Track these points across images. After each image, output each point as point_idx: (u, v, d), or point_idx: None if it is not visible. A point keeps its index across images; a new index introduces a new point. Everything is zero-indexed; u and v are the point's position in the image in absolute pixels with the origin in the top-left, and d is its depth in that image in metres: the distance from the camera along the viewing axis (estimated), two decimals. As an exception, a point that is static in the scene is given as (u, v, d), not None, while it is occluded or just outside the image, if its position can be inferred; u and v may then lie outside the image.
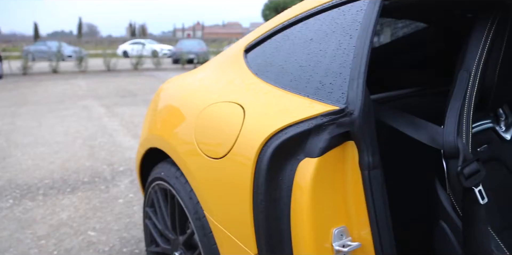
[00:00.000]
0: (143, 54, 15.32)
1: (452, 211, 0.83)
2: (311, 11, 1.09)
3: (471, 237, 0.78)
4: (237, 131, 0.93)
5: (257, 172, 0.81)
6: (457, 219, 0.82)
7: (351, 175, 0.78)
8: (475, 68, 0.87)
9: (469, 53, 0.88)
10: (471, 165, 0.77)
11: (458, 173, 0.75)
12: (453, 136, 0.79)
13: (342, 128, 0.76)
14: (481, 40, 0.87)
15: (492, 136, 1.05)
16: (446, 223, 0.84)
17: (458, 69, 0.90)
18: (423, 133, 0.83)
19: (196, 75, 1.55)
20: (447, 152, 0.79)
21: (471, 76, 0.87)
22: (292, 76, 0.98)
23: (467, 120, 0.84)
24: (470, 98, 0.86)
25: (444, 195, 0.85)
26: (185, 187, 1.18)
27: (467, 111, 0.85)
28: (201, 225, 1.09)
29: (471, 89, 0.86)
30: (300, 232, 0.77)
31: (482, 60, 0.87)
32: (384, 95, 1.24)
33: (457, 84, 0.88)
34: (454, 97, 0.87)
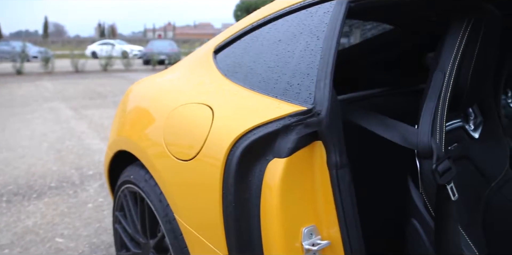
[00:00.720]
0: (113, 55, 14.97)
1: (424, 210, 0.84)
2: (279, 12, 1.10)
3: (443, 233, 0.80)
4: (206, 132, 0.92)
5: (226, 173, 0.81)
6: (429, 217, 0.83)
7: (319, 174, 0.79)
8: (450, 69, 0.88)
9: (444, 54, 0.89)
10: (444, 162, 0.78)
11: (433, 170, 0.76)
12: (427, 137, 0.80)
13: (310, 128, 0.77)
14: (456, 41, 0.88)
15: (462, 135, 1.07)
16: (417, 221, 0.85)
17: (433, 70, 0.91)
18: (395, 133, 0.84)
19: (165, 76, 1.54)
20: (421, 152, 0.80)
21: (445, 77, 0.87)
22: (260, 77, 0.99)
23: (441, 120, 0.85)
24: (445, 99, 0.87)
25: (417, 194, 0.86)
26: (155, 190, 1.17)
27: (441, 112, 0.86)
28: (172, 228, 1.08)
29: (445, 89, 0.87)
30: (270, 232, 0.78)
31: (457, 61, 0.88)
32: (354, 95, 1.26)
33: (432, 85, 0.89)
34: (429, 97, 0.88)
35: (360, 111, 0.93)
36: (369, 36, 1.96)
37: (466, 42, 0.88)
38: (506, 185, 1.14)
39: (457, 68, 0.88)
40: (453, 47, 0.88)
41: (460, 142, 1.04)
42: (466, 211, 1.02)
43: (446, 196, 0.79)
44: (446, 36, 0.90)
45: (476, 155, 1.07)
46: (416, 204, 0.85)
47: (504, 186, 1.13)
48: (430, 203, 0.83)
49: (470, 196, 1.05)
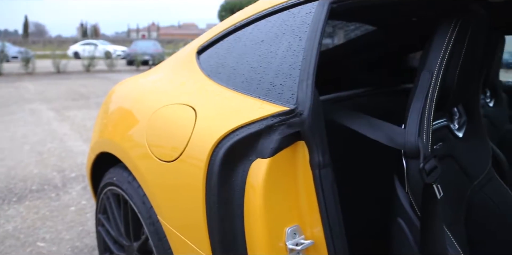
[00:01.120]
0: (96, 55, 14.76)
1: (409, 209, 0.84)
2: (262, 13, 1.10)
3: (428, 232, 0.80)
4: (189, 133, 0.92)
5: (210, 174, 0.81)
6: (414, 216, 0.84)
7: (302, 174, 0.79)
8: (437, 69, 0.88)
9: (432, 53, 0.89)
10: (430, 161, 0.78)
11: (420, 169, 0.77)
12: (414, 136, 0.80)
13: (293, 128, 0.77)
14: (444, 41, 0.88)
15: (446, 134, 1.07)
16: (403, 220, 0.86)
17: (420, 70, 0.91)
18: (381, 133, 0.84)
19: (148, 77, 1.52)
20: (409, 152, 0.80)
21: (433, 77, 0.88)
22: (243, 77, 0.99)
23: (428, 120, 0.85)
24: (432, 99, 0.87)
25: (403, 193, 0.86)
26: (138, 192, 1.15)
27: (428, 111, 0.86)
28: (155, 230, 1.07)
29: (432, 89, 0.87)
30: (253, 232, 0.78)
31: (444, 61, 0.88)
32: (337, 95, 1.27)
33: (419, 84, 0.89)
34: (416, 97, 0.88)
35: (345, 112, 0.93)
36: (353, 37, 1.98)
37: (454, 42, 0.89)
38: (488, 184, 1.15)
39: (444, 68, 0.89)
40: (441, 47, 0.89)
41: (445, 141, 1.05)
42: (450, 209, 1.04)
43: (432, 195, 0.79)
44: (434, 36, 0.91)
45: (460, 154, 1.08)
46: (402, 203, 0.86)
47: (486, 185, 1.14)
48: (416, 202, 0.83)
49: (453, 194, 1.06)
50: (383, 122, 0.86)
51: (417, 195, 0.82)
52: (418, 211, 0.83)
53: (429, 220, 0.80)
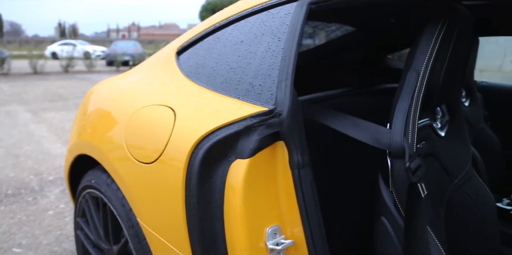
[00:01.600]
0: (74, 55, 14.47)
1: (393, 208, 0.85)
2: (242, 14, 1.10)
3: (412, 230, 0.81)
4: (168, 134, 0.91)
5: (189, 175, 0.80)
6: (398, 215, 0.84)
7: (282, 174, 0.79)
8: (424, 69, 0.88)
9: (419, 53, 0.89)
10: (415, 160, 0.79)
11: (406, 169, 0.77)
12: (400, 137, 0.80)
13: (272, 128, 0.78)
14: (431, 41, 0.89)
15: (429, 133, 1.08)
16: (387, 219, 0.86)
17: (407, 69, 0.91)
18: (365, 133, 0.84)
19: (127, 78, 1.50)
20: (394, 152, 0.80)
21: (419, 76, 0.88)
22: (223, 78, 0.98)
23: (413, 120, 0.85)
24: (418, 98, 0.87)
25: (387, 192, 0.86)
26: (117, 194, 1.14)
27: (414, 111, 0.86)
28: (135, 232, 1.06)
29: (419, 89, 0.87)
30: (234, 233, 0.78)
31: (431, 61, 0.88)
32: (317, 95, 1.29)
33: (406, 84, 0.89)
34: (402, 97, 0.88)
35: (329, 112, 0.93)
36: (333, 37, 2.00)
37: (441, 42, 0.89)
38: (467, 182, 1.17)
39: (431, 68, 0.89)
40: (427, 47, 0.89)
41: (427, 140, 1.06)
42: (430, 207, 1.05)
43: (416, 194, 0.80)
44: (421, 36, 0.91)
45: (442, 153, 1.08)
46: (386, 202, 0.86)
47: (465, 183, 1.16)
48: (400, 201, 0.83)
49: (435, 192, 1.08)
50: (367, 122, 0.87)
51: (401, 194, 0.82)
52: (402, 210, 0.83)
53: (413, 219, 0.81)
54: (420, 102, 0.87)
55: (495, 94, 2.02)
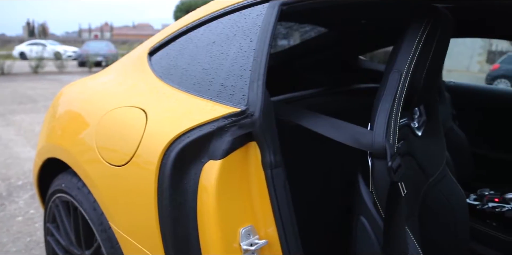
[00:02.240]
0: (44, 56, 14.06)
1: (372, 208, 0.85)
2: (214, 14, 1.10)
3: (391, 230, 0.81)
4: (140, 136, 0.90)
5: (161, 177, 0.80)
6: (377, 215, 0.85)
7: (255, 174, 0.80)
8: (406, 69, 0.88)
9: (402, 54, 0.90)
10: (396, 160, 0.79)
11: (388, 168, 0.77)
12: (382, 138, 0.81)
13: (244, 129, 0.78)
14: (414, 42, 0.89)
15: (407, 133, 1.09)
16: (366, 219, 0.87)
17: (389, 70, 0.91)
18: (345, 135, 0.84)
19: (98, 79, 1.47)
20: (376, 153, 0.80)
21: (401, 77, 0.88)
22: (195, 79, 0.98)
23: (395, 121, 0.86)
24: (399, 99, 0.87)
25: (366, 192, 0.87)
26: (88, 198, 1.11)
27: (396, 112, 0.86)
28: (107, 236, 1.04)
29: (401, 90, 0.87)
30: (207, 234, 0.77)
31: (413, 62, 0.89)
32: (292, 95, 1.30)
33: (388, 85, 0.88)
34: (384, 97, 0.87)
35: (306, 113, 0.93)
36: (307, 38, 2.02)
37: (424, 43, 0.89)
38: (442, 181, 1.19)
39: (413, 68, 0.89)
40: (410, 48, 0.89)
41: (405, 139, 1.07)
42: (406, 206, 1.07)
43: (397, 193, 0.80)
44: (404, 37, 0.91)
45: (418, 152, 1.10)
46: (365, 202, 0.86)
47: (440, 182, 1.18)
48: (380, 201, 0.84)
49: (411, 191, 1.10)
50: (346, 123, 0.87)
51: (381, 195, 0.83)
52: (382, 210, 0.84)
53: (393, 218, 0.81)
54: (402, 103, 0.88)
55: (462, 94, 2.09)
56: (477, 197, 1.51)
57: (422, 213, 1.09)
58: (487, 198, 1.46)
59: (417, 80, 0.92)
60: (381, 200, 0.83)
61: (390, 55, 0.94)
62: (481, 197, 1.49)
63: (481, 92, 2.11)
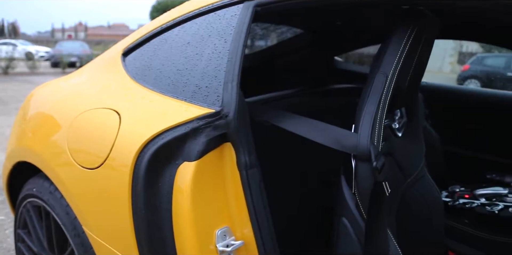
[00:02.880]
0: (15, 56, 13.61)
1: (355, 209, 0.85)
2: (188, 15, 1.09)
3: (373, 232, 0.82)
4: (113, 138, 0.89)
5: (135, 179, 0.79)
6: (359, 216, 0.85)
7: (230, 175, 0.80)
8: (392, 72, 0.88)
9: (388, 56, 0.90)
10: (380, 160, 0.79)
11: (373, 169, 0.78)
12: (367, 140, 0.81)
13: (218, 130, 0.78)
14: (401, 45, 0.89)
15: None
16: (348, 220, 0.87)
17: (374, 72, 0.91)
18: (327, 136, 0.84)
19: (70, 80, 1.44)
20: (361, 155, 0.80)
21: (387, 79, 0.88)
22: (169, 80, 0.97)
23: (380, 123, 0.85)
24: (385, 102, 0.87)
25: (349, 194, 0.87)
26: (61, 202, 1.09)
27: (381, 114, 0.86)
28: (81, 241, 1.01)
29: (386, 92, 0.87)
30: (183, 236, 0.77)
31: (399, 64, 0.89)
32: (269, 96, 1.30)
33: (373, 87, 0.88)
34: (370, 100, 0.87)
35: (287, 115, 0.92)
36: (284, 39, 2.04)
37: (410, 46, 0.90)
38: (419, 180, 1.21)
39: (399, 71, 0.89)
40: (397, 50, 0.89)
41: (386, 140, 1.07)
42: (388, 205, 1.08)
43: (381, 192, 0.81)
44: (390, 40, 0.91)
45: (398, 152, 1.11)
46: (348, 203, 0.86)
47: (418, 182, 1.20)
48: (363, 203, 0.84)
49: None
50: (328, 125, 0.86)
51: (364, 196, 0.83)
52: (364, 212, 0.84)
53: (376, 218, 0.82)
54: (387, 106, 0.88)
55: (435, 94, 2.14)
56: (448, 194, 1.55)
57: (399, 211, 1.11)
58: (458, 195, 1.50)
59: (402, 83, 0.93)
60: (364, 201, 0.83)
61: (376, 57, 0.94)
62: (452, 194, 1.53)
63: (452, 92, 2.17)
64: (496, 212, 1.35)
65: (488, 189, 1.45)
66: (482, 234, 1.34)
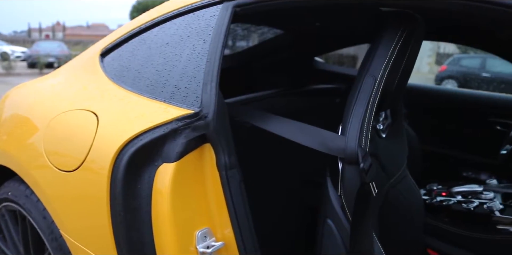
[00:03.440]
0: (-11, 56, 13.24)
1: (340, 211, 0.86)
2: (167, 15, 1.09)
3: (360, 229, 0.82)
4: (91, 140, 0.87)
5: (113, 181, 0.78)
6: (344, 218, 0.86)
7: (210, 177, 0.79)
8: (381, 75, 0.88)
9: (377, 59, 0.90)
10: (367, 161, 0.80)
11: (361, 170, 0.78)
12: (355, 144, 0.81)
13: (198, 131, 0.77)
14: (390, 47, 0.89)
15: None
16: (333, 222, 0.88)
17: (363, 75, 0.90)
18: (313, 139, 0.84)
19: (47, 81, 1.41)
20: (349, 158, 0.81)
21: (376, 82, 0.87)
22: (148, 81, 0.96)
23: (367, 125, 0.86)
24: (373, 104, 0.87)
25: (335, 196, 0.87)
26: (37, 206, 1.06)
27: (369, 117, 0.86)
28: (58, 245, 1.00)
29: (374, 94, 0.87)
30: (163, 238, 0.76)
31: (388, 67, 0.89)
32: (248, 97, 1.30)
33: (362, 90, 0.88)
34: (358, 103, 0.87)
35: (274, 118, 0.92)
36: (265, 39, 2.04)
37: (399, 49, 0.90)
38: (402, 181, 1.22)
39: (387, 74, 0.90)
40: (386, 53, 0.90)
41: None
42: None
43: (368, 193, 0.81)
44: (380, 42, 0.92)
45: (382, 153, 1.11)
46: (333, 205, 0.87)
47: (400, 182, 1.21)
48: (348, 204, 0.84)
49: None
50: (314, 127, 0.87)
51: (350, 198, 0.83)
52: (349, 214, 0.85)
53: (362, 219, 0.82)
54: (375, 108, 0.88)
55: (413, 94, 2.19)
56: (426, 192, 1.58)
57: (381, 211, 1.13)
58: (435, 193, 1.53)
59: (390, 85, 0.93)
60: (350, 203, 0.84)
61: (364, 60, 0.94)
62: (430, 192, 1.56)
63: (430, 92, 2.22)
64: (471, 209, 1.38)
65: (464, 187, 1.48)
66: (458, 230, 1.37)
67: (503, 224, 1.31)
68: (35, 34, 61.73)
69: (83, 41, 28.22)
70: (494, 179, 1.55)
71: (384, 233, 1.07)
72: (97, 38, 1.45)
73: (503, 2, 0.67)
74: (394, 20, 0.93)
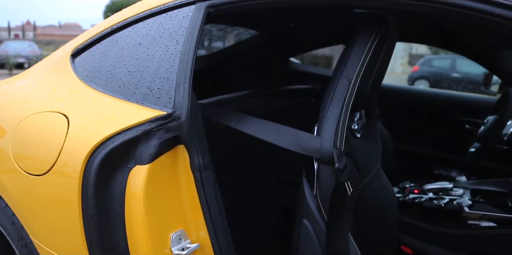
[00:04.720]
0: (-47, 57, 12.71)
1: (316, 211, 0.86)
2: (140, 15, 1.07)
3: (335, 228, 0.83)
4: (61, 143, 0.85)
5: (85, 185, 0.76)
6: (320, 218, 0.86)
7: (184, 178, 0.79)
8: (356, 76, 0.89)
9: (352, 60, 0.90)
10: (342, 161, 0.81)
11: (336, 170, 0.79)
12: (330, 144, 0.81)
13: (171, 132, 0.77)
14: (365, 49, 0.90)
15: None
16: (309, 222, 0.88)
17: (337, 76, 0.91)
18: (288, 140, 0.84)
19: (16, 82, 1.37)
20: (324, 159, 0.81)
21: (351, 83, 0.88)
22: (120, 82, 0.95)
23: (342, 126, 0.86)
24: (348, 105, 0.87)
25: (310, 195, 0.87)
26: (6, 212, 1.03)
27: (344, 118, 0.86)
28: (28, 252, 0.97)
29: (349, 95, 0.87)
30: (137, 241, 0.75)
31: (363, 68, 0.89)
32: (222, 98, 1.30)
33: (337, 90, 0.88)
34: (333, 104, 0.87)
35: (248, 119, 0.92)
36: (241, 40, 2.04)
37: (373, 51, 0.91)
38: (375, 180, 1.24)
39: (362, 75, 0.90)
40: (360, 55, 0.90)
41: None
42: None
43: (343, 192, 0.82)
44: (354, 44, 0.92)
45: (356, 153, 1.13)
46: (309, 205, 0.87)
47: (374, 182, 1.23)
48: (324, 204, 0.85)
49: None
50: (289, 128, 0.87)
51: (326, 198, 0.84)
52: (325, 213, 0.85)
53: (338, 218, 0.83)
54: (350, 109, 0.89)
55: (386, 94, 2.23)
56: (399, 189, 1.62)
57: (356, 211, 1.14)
58: (408, 191, 1.57)
59: (364, 86, 0.94)
60: (325, 203, 0.84)
61: (339, 61, 0.95)
62: (403, 190, 1.60)
63: (402, 92, 2.28)
64: (442, 205, 1.42)
65: (435, 184, 1.52)
66: (430, 226, 1.41)
67: (473, 219, 1.36)
68: (3, 33, 59.61)
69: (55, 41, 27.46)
70: (464, 176, 1.60)
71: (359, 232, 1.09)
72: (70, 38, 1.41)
73: (469, 5, 0.70)
74: (368, 22, 0.95)
